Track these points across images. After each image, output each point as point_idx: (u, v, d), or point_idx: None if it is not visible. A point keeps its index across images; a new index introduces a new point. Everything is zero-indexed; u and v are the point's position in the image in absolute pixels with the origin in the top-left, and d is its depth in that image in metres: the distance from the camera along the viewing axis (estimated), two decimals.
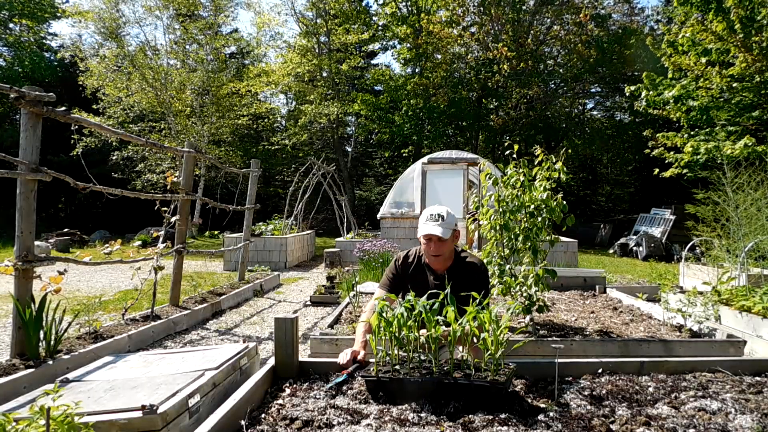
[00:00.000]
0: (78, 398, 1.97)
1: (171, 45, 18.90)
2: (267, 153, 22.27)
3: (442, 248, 2.67)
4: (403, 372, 2.07)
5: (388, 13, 21.08)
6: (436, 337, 2.09)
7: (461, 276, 2.70)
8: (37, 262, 3.16)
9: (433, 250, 2.66)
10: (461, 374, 2.03)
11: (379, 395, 2.05)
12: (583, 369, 2.42)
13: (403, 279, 2.80)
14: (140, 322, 4.27)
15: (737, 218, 5.63)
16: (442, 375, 2.02)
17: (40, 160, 3.21)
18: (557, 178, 3.65)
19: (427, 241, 2.67)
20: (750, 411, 1.91)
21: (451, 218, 2.69)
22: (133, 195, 4.58)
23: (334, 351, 3.23)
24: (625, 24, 21.36)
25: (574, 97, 22.29)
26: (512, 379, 2.14)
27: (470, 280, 2.66)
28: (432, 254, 2.68)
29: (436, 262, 2.72)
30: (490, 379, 1.94)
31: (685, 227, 7.69)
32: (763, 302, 4.11)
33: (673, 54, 9.63)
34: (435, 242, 2.65)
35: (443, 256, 2.70)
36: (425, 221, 2.68)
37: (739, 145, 7.92)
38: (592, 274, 5.92)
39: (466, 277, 2.70)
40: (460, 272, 2.73)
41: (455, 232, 2.70)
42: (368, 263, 7.34)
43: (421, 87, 19.73)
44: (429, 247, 2.67)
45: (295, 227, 11.67)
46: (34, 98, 3.08)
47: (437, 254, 2.67)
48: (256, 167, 7.37)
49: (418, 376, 2.03)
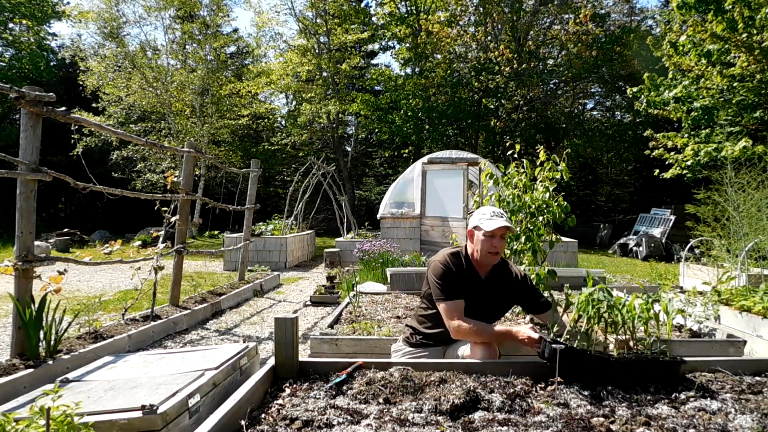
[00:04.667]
0: (78, 398, 1.97)
1: (171, 45, 18.91)
2: (267, 153, 22.28)
3: (503, 246, 2.64)
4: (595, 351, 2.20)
5: (387, 13, 21.08)
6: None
7: (505, 279, 2.73)
8: (37, 262, 3.16)
9: (497, 247, 2.61)
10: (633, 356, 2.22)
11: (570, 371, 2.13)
12: None
13: (457, 281, 2.64)
14: (140, 322, 4.27)
15: (738, 218, 5.63)
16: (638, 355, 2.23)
17: (40, 160, 3.21)
18: (559, 178, 3.65)
19: (491, 237, 2.59)
20: (750, 411, 1.91)
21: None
22: (133, 195, 4.58)
23: (334, 351, 3.23)
24: (625, 24, 21.37)
25: (574, 97, 22.29)
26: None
27: (517, 281, 2.73)
28: (493, 251, 2.61)
29: (494, 259, 2.65)
30: (670, 358, 2.23)
31: (685, 227, 7.70)
32: (763, 302, 4.11)
33: (674, 54, 9.64)
34: (498, 238, 2.60)
35: (499, 255, 2.65)
36: (490, 217, 2.63)
37: (739, 147, 7.93)
38: (592, 275, 5.91)
39: (510, 276, 2.74)
40: (503, 276, 2.74)
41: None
42: (368, 263, 7.34)
43: (421, 87, 19.73)
44: (492, 243, 2.60)
45: (295, 227, 11.67)
46: (34, 98, 3.08)
47: (498, 251, 2.62)
48: (256, 167, 7.37)
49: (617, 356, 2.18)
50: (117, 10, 17.46)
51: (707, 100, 9.45)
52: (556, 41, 21.08)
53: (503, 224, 2.58)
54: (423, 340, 2.77)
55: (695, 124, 9.84)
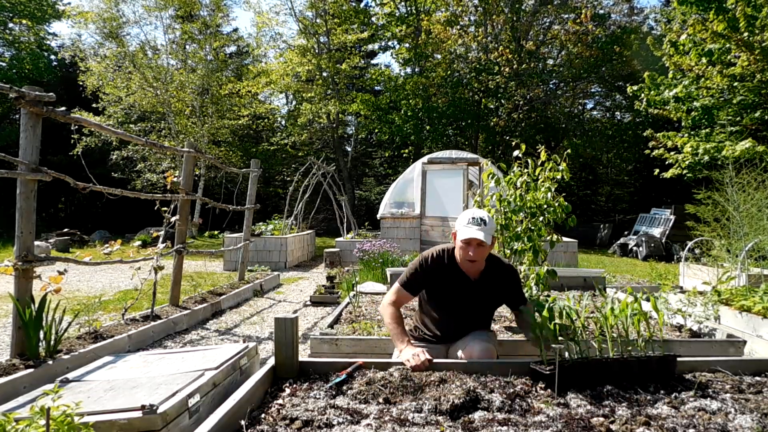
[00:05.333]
0: (78, 398, 1.97)
1: (171, 45, 18.92)
2: (267, 153, 22.28)
3: (481, 253, 2.56)
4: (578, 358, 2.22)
5: (386, 13, 21.07)
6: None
7: (498, 279, 2.70)
8: (37, 262, 3.16)
9: (472, 255, 2.53)
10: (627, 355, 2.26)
11: (567, 383, 2.10)
12: None
13: (430, 279, 2.68)
14: (140, 322, 4.27)
15: (738, 218, 5.63)
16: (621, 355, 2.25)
17: (40, 160, 3.21)
18: (560, 178, 3.65)
19: (466, 245, 2.54)
20: (750, 411, 1.91)
21: (492, 223, 2.60)
22: (133, 195, 4.58)
23: (334, 351, 3.23)
24: (625, 24, 21.37)
25: (574, 97, 22.28)
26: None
27: (507, 283, 2.71)
28: (469, 259, 2.55)
29: (471, 267, 2.61)
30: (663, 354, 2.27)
31: (686, 227, 7.69)
32: (763, 302, 4.11)
33: (675, 54, 9.64)
34: (475, 247, 2.53)
35: (479, 262, 2.59)
36: (466, 224, 2.56)
37: (740, 147, 7.93)
38: (592, 274, 5.91)
39: (502, 279, 2.71)
40: (496, 275, 2.69)
41: (494, 238, 2.61)
42: (368, 263, 7.34)
43: (421, 87, 19.72)
44: (467, 251, 2.54)
45: (295, 227, 11.67)
46: (34, 98, 3.08)
47: (474, 259, 2.55)
48: (256, 167, 7.37)
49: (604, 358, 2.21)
50: (117, 10, 17.45)
51: (707, 100, 9.45)
52: (556, 41, 21.07)
53: (473, 236, 2.50)
54: (425, 335, 2.80)
55: (695, 123, 9.84)
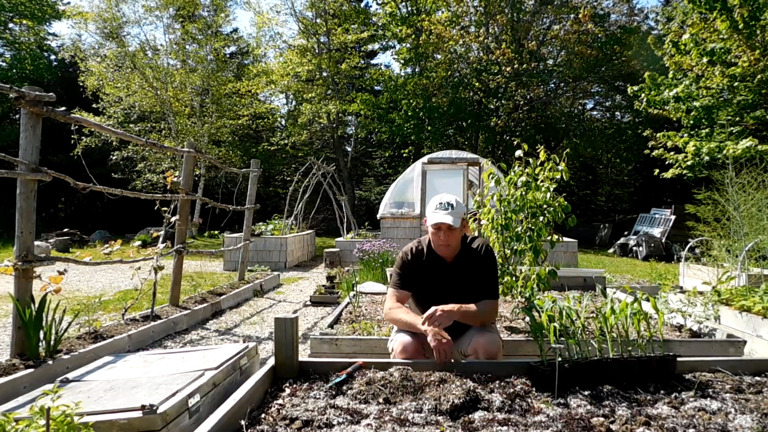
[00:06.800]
0: (78, 398, 1.97)
1: (171, 45, 18.92)
2: (267, 153, 22.29)
3: (452, 237, 2.62)
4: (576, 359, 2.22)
5: (387, 13, 21.08)
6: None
7: (471, 262, 2.72)
8: (37, 262, 3.16)
9: (443, 240, 2.61)
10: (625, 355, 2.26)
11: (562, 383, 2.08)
12: None
13: (415, 272, 2.74)
14: (140, 322, 4.27)
15: (738, 218, 5.63)
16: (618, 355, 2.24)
17: (40, 160, 3.21)
18: (559, 178, 3.65)
19: (437, 230, 2.62)
20: (750, 411, 1.91)
21: (460, 207, 2.66)
22: (133, 195, 4.58)
23: (334, 351, 3.23)
24: (625, 24, 21.37)
25: (574, 97, 22.29)
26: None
27: (478, 267, 2.70)
28: (441, 243, 2.64)
29: (446, 251, 2.68)
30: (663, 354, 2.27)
31: (686, 227, 7.69)
32: (763, 302, 4.11)
33: (675, 54, 9.64)
34: (445, 231, 2.60)
35: (452, 246, 2.66)
36: (434, 210, 2.63)
37: (742, 146, 7.93)
38: (592, 274, 5.91)
39: (475, 262, 2.72)
40: (470, 258, 2.73)
41: (464, 220, 2.67)
42: (368, 263, 7.34)
43: (421, 87, 19.72)
44: (438, 236, 2.62)
45: (295, 227, 11.67)
46: (34, 98, 3.08)
47: (447, 243, 2.63)
48: (256, 167, 7.37)
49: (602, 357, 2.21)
50: (117, 10, 17.45)
51: (707, 100, 9.45)
52: (556, 41, 21.07)
53: (441, 221, 2.56)
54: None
55: (695, 123, 9.84)
